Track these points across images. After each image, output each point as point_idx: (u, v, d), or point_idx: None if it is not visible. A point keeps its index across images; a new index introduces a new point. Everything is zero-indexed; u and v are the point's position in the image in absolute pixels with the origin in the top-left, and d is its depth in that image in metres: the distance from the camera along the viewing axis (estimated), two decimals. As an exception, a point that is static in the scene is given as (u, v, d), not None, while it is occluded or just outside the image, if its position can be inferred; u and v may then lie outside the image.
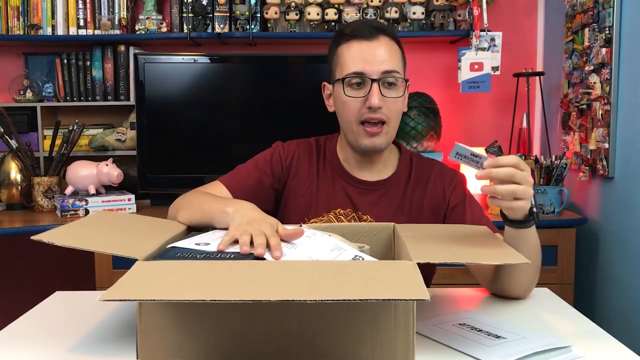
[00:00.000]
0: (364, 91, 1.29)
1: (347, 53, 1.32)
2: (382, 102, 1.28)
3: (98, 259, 2.16)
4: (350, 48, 1.31)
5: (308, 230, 1.08)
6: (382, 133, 1.31)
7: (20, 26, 2.62)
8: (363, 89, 1.30)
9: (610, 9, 2.03)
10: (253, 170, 1.40)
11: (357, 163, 1.40)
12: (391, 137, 1.35)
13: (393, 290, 0.76)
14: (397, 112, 1.33)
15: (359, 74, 1.29)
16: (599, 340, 1.01)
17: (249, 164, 1.42)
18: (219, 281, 0.81)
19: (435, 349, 0.95)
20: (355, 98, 1.30)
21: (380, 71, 1.28)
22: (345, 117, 1.34)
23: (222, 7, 2.61)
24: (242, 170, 1.41)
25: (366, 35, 1.30)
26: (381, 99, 1.28)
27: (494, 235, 1.15)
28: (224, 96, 2.46)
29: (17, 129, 2.42)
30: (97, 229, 1.11)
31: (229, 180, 1.38)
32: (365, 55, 1.29)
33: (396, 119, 1.33)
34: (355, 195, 1.38)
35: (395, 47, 1.33)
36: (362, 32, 1.30)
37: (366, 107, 1.29)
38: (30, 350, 0.96)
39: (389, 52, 1.31)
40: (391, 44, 1.32)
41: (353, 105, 1.30)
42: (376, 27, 1.32)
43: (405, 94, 1.34)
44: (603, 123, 2.08)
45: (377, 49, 1.30)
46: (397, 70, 1.31)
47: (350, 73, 1.30)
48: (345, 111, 1.33)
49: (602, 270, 2.19)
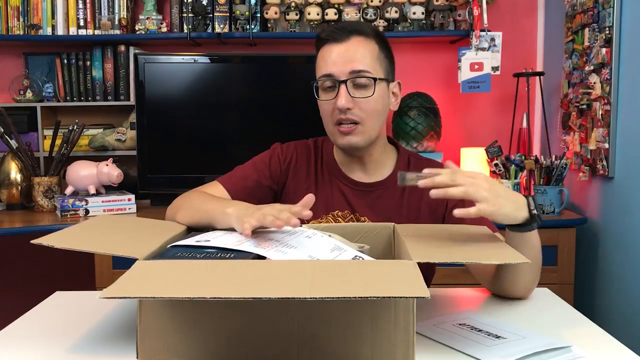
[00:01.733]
0: (334, 93, 1.30)
1: (320, 57, 1.33)
2: (350, 102, 1.28)
3: (98, 259, 2.16)
4: (323, 52, 1.33)
5: (308, 230, 1.08)
6: (356, 132, 1.30)
7: (20, 26, 2.62)
8: (334, 91, 1.30)
9: (610, 9, 2.04)
10: (251, 171, 1.40)
11: (349, 164, 1.40)
12: (370, 136, 1.33)
13: (393, 288, 0.76)
14: (371, 112, 1.30)
15: (327, 76, 1.30)
16: (599, 340, 1.01)
17: (248, 165, 1.42)
18: (219, 280, 0.81)
19: (435, 349, 0.95)
20: (327, 101, 1.31)
21: (347, 72, 1.28)
22: (323, 119, 1.36)
23: (222, 7, 2.61)
24: (240, 171, 1.41)
25: (337, 37, 1.30)
26: (349, 100, 1.28)
27: (494, 235, 1.15)
28: (224, 96, 2.46)
29: (17, 129, 2.42)
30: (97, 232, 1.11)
31: (228, 181, 1.38)
32: (334, 57, 1.29)
33: (372, 118, 1.31)
34: (352, 197, 1.38)
35: (370, 46, 1.31)
36: (333, 35, 1.31)
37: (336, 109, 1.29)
38: (30, 350, 0.96)
39: (359, 52, 1.29)
40: (365, 43, 1.30)
41: (326, 108, 1.32)
42: (349, 29, 1.31)
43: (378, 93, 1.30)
44: (603, 123, 2.08)
45: (346, 50, 1.29)
46: (367, 69, 1.29)
47: (320, 76, 1.31)
48: (322, 114, 1.35)
49: (602, 270, 2.19)
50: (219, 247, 0.97)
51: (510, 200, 1.10)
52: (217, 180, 1.39)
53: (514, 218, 1.11)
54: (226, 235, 1.05)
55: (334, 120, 1.31)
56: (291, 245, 0.99)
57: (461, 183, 1.04)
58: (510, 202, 1.09)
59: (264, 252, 0.94)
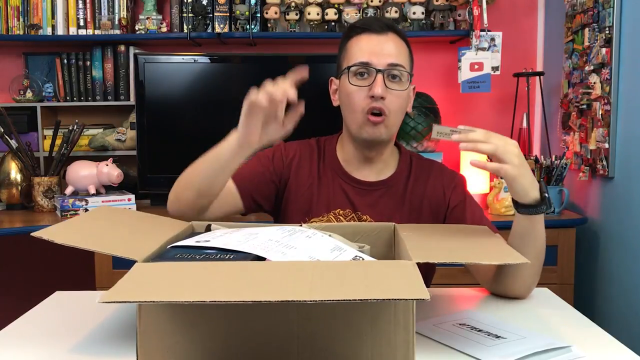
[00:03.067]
0: (368, 81, 1.31)
1: (355, 45, 1.34)
2: (385, 92, 1.29)
3: (98, 259, 2.17)
4: (359, 40, 1.34)
5: (308, 231, 1.07)
6: (383, 124, 1.31)
7: (20, 26, 2.62)
8: (368, 79, 1.31)
9: (610, 9, 2.04)
10: (257, 166, 1.40)
11: (358, 162, 1.40)
12: (391, 131, 1.35)
13: (393, 290, 0.76)
14: (399, 107, 1.33)
15: (365, 64, 1.31)
16: (599, 340, 1.01)
17: (252, 161, 1.41)
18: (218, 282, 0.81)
19: (435, 349, 0.95)
20: (359, 87, 1.31)
21: (386, 63, 1.30)
22: (349, 107, 1.34)
23: (222, 7, 2.61)
24: (245, 166, 1.40)
25: (376, 29, 1.33)
26: (384, 90, 1.29)
27: (494, 235, 1.15)
28: (224, 96, 2.46)
29: (17, 129, 2.42)
30: (98, 226, 1.11)
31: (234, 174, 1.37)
32: (373, 47, 1.31)
33: (396, 114, 1.33)
34: (354, 195, 1.38)
35: (403, 45, 1.35)
36: (372, 26, 1.33)
37: (369, 96, 1.30)
38: (30, 350, 0.96)
39: (396, 47, 1.33)
40: (400, 42, 1.35)
41: (357, 95, 1.32)
42: (387, 24, 1.35)
43: (409, 90, 1.35)
44: (603, 123, 2.08)
45: (385, 43, 1.32)
46: (403, 65, 1.32)
47: (356, 62, 1.32)
48: (349, 101, 1.33)
49: (602, 270, 2.19)
50: (218, 248, 0.97)
51: (530, 175, 1.13)
52: None
53: (526, 194, 1.13)
54: (226, 235, 1.05)
55: (364, 107, 1.31)
56: (291, 246, 0.99)
57: (494, 142, 1.09)
58: (530, 176, 1.13)
59: (263, 252, 0.94)
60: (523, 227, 1.17)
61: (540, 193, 1.14)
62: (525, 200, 1.14)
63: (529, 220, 1.16)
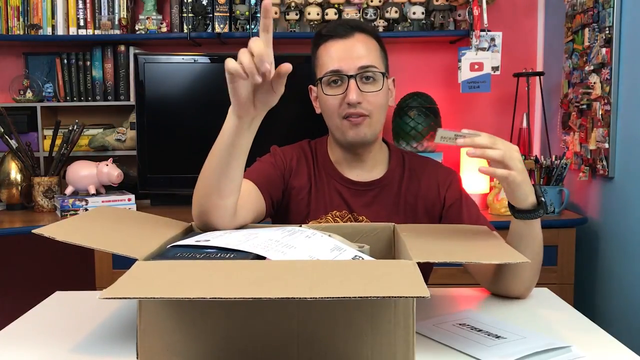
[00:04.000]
0: (342, 88, 1.31)
1: (324, 53, 1.33)
2: (360, 97, 1.29)
3: (98, 258, 2.17)
4: (327, 48, 1.33)
5: (308, 230, 1.08)
6: (364, 124, 1.31)
7: (20, 26, 2.62)
8: (341, 86, 1.31)
9: (610, 9, 2.04)
10: (264, 167, 1.38)
11: (347, 162, 1.40)
12: (376, 129, 1.34)
13: (393, 288, 0.76)
14: (379, 106, 1.32)
15: (335, 71, 1.30)
16: (599, 340, 1.01)
17: (256, 165, 1.40)
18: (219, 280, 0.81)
19: (435, 349, 0.95)
20: (334, 96, 1.31)
21: (357, 67, 1.29)
22: (328, 115, 1.35)
23: (222, 7, 2.61)
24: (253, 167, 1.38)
25: (341, 33, 1.32)
26: (359, 94, 1.29)
27: (493, 235, 1.15)
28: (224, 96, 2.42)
29: (17, 129, 2.43)
30: (99, 225, 1.11)
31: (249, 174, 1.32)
32: (341, 53, 1.31)
33: (379, 112, 1.33)
34: (349, 196, 1.38)
35: (372, 43, 1.34)
36: (337, 31, 1.32)
37: (346, 103, 1.30)
38: (30, 350, 0.96)
39: (365, 48, 1.31)
40: (367, 40, 1.33)
41: (333, 103, 1.32)
42: (351, 26, 1.33)
43: (385, 87, 1.33)
44: (603, 123, 2.08)
45: (353, 46, 1.31)
46: (374, 65, 1.31)
47: (327, 72, 1.31)
48: (327, 109, 1.34)
49: (602, 270, 2.19)
50: (218, 247, 0.97)
51: (529, 181, 1.13)
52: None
53: (526, 199, 1.13)
54: (226, 235, 1.05)
55: (341, 114, 1.31)
56: (291, 246, 0.99)
57: (500, 148, 1.07)
58: (529, 183, 1.13)
59: (263, 252, 0.94)
60: (521, 229, 1.17)
61: (536, 197, 1.14)
62: (523, 205, 1.14)
63: (527, 223, 1.16)
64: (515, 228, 1.18)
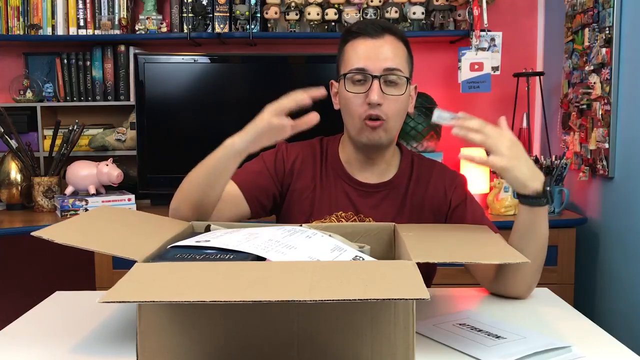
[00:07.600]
0: (364, 87, 1.30)
1: (351, 50, 1.33)
2: (382, 98, 1.28)
3: (98, 259, 2.16)
4: (355, 45, 1.32)
5: (308, 231, 1.07)
6: (382, 128, 1.30)
7: (20, 26, 2.62)
8: (364, 85, 1.30)
9: (610, 9, 2.04)
10: (258, 165, 1.39)
11: (359, 163, 1.39)
12: (391, 135, 1.34)
13: (393, 290, 0.76)
14: (398, 111, 1.32)
15: (360, 70, 1.30)
16: (599, 340, 1.01)
17: (255, 161, 1.40)
18: (218, 282, 0.81)
19: (435, 349, 0.95)
20: (356, 94, 1.30)
21: (382, 68, 1.29)
22: (348, 113, 1.34)
23: (222, 7, 2.61)
24: (248, 166, 1.39)
25: (371, 33, 1.31)
26: (381, 96, 1.28)
27: (494, 235, 1.15)
28: (224, 96, 2.46)
29: (17, 129, 2.42)
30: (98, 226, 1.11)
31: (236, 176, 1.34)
32: (368, 53, 1.30)
33: (396, 118, 1.32)
34: (356, 197, 1.38)
35: (400, 47, 1.33)
36: (367, 30, 1.32)
37: (366, 103, 1.29)
38: (30, 350, 0.96)
39: (392, 50, 1.31)
40: (397, 43, 1.33)
41: (354, 102, 1.31)
42: (382, 26, 1.33)
43: (407, 93, 1.33)
44: (603, 123, 2.08)
45: (381, 47, 1.30)
46: (400, 68, 1.30)
47: (352, 69, 1.30)
48: (347, 107, 1.33)
49: (602, 270, 2.19)
50: (218, 248, 0.97)
51: (526, 167, 1.14)
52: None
53: (522, 185, 1.14)
54: (226, 236, 1.05)
55: (362, 114, 1.30)
56: (291, 246, 0.99)
57: (486, 133, 1.11)
58: (526, 169, 1.14)
59: (263, 253, 0.94)
60: (525, 220, 1.18)
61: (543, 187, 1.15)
62: (524, 191, 1.15)
63: (531, 213, 1.16)
64: (520, 218, 1.19)
